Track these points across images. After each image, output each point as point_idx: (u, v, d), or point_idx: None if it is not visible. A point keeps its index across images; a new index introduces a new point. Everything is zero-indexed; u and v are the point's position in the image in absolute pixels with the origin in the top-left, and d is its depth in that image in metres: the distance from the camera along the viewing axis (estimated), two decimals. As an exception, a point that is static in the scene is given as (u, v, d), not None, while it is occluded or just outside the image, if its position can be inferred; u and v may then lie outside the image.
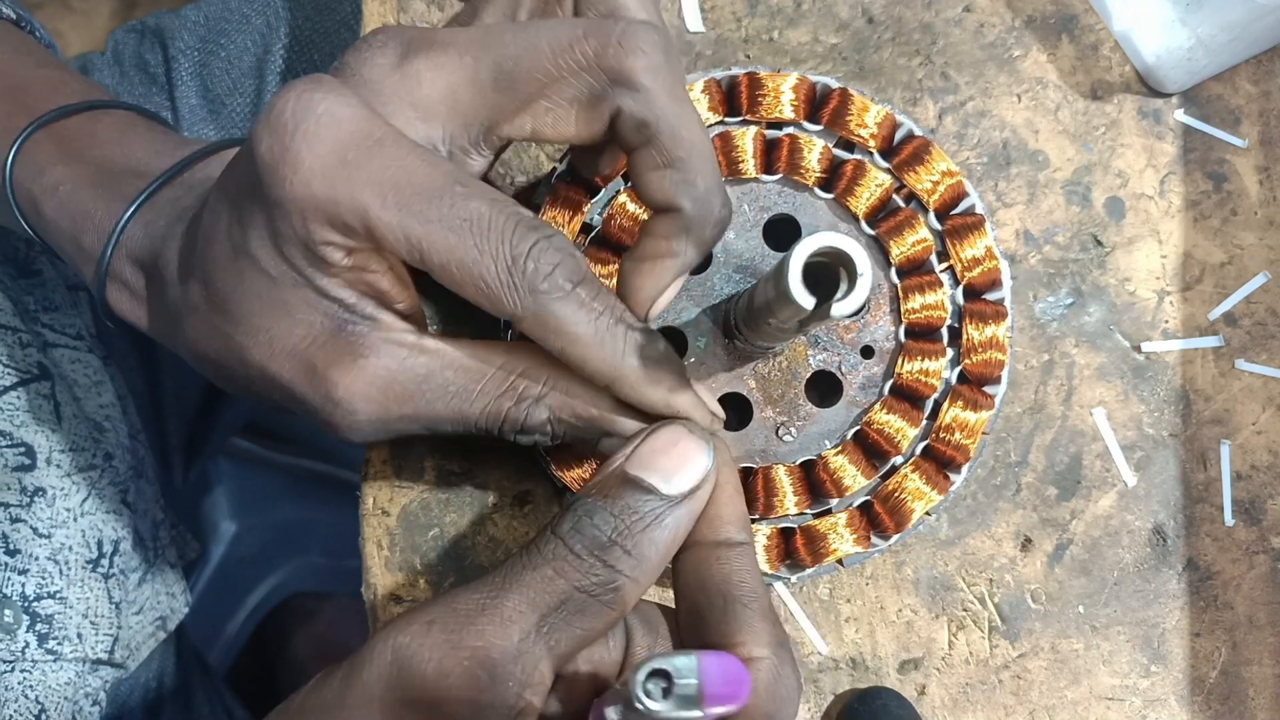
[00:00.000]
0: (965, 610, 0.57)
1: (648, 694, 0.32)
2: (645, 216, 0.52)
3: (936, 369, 0.52)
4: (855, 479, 0.51)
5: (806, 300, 0.38)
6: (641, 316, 0.44)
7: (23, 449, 0.65)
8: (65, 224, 0.50)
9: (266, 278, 0.41)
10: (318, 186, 0.37)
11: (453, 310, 0.58)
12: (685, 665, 0.32)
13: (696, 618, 0.40)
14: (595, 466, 0.51)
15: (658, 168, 0.41)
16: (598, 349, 0.41)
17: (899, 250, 0.53)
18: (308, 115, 0.37)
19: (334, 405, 0.42)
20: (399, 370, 0.42)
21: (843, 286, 0.39)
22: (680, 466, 0.39)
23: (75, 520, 0.67)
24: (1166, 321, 0.59)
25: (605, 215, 0.52)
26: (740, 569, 0.40)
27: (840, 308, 0.38)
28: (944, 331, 0.53)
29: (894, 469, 0.52)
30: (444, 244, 0.38)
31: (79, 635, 0.66)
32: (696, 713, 0.32)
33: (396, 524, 0.56)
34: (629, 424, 0.43)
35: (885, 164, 0.53)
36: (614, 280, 0.50)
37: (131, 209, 0.48)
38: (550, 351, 0.41)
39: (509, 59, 0.40)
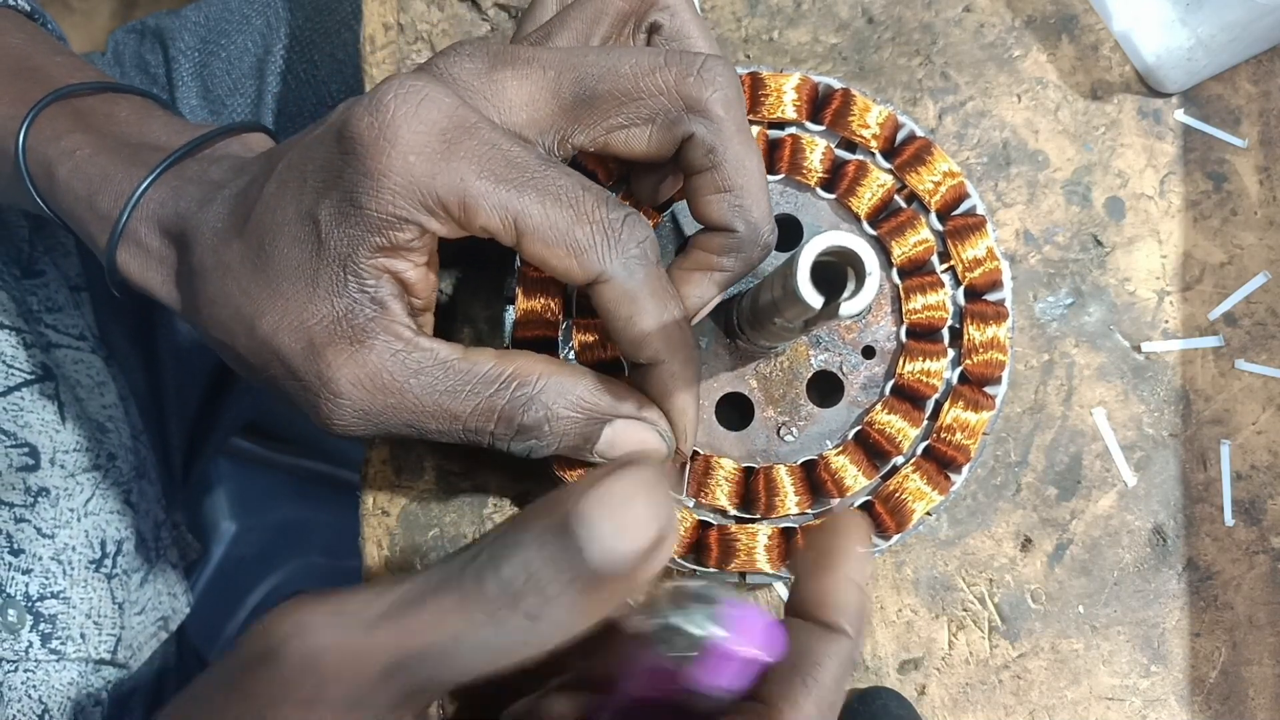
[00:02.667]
0: (965, 610, 0.57)
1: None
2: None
3: (938, 369, 0.52)
4: (856, 479, 0.51)
5: (815, 299, 0.38)
6: None
7: (26, 449, 0.65)
8: (80, 187, 0.50)
9: (314, 244, 0.42)
10: (416, 162, 0.40)
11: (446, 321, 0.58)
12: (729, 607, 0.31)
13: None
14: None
15: (718, 191, 0.45)
16: (659, 326, 0.43)
17: (900, 251, 0.53)
18: (410, 98, 0.40)
19: (322, 385, 0.43)
20: (390, 361, 0.43)
21: (850, 286, 0.39)
22: (625, 530, 0.32)
23: (79, 520, 0.68)
24: (1166, 321, 0.59)
25: None
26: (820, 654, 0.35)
27: (848, 307, 0.38)
28: (945, 332, 0.53)
29: (895, 469, 0.52)
30: (539, 210, 0.41)
31: (82, 635, 0.66)
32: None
33: (396, 524, 0.56)
34: (629, 408, 0.45)
35: (887, 164, 0.54)
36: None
37: (156, 171, 0.49)
38: (613, 319, 0.43)
39: (591, 76, 0.43)
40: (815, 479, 0.52)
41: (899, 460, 0.52)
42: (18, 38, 0.59)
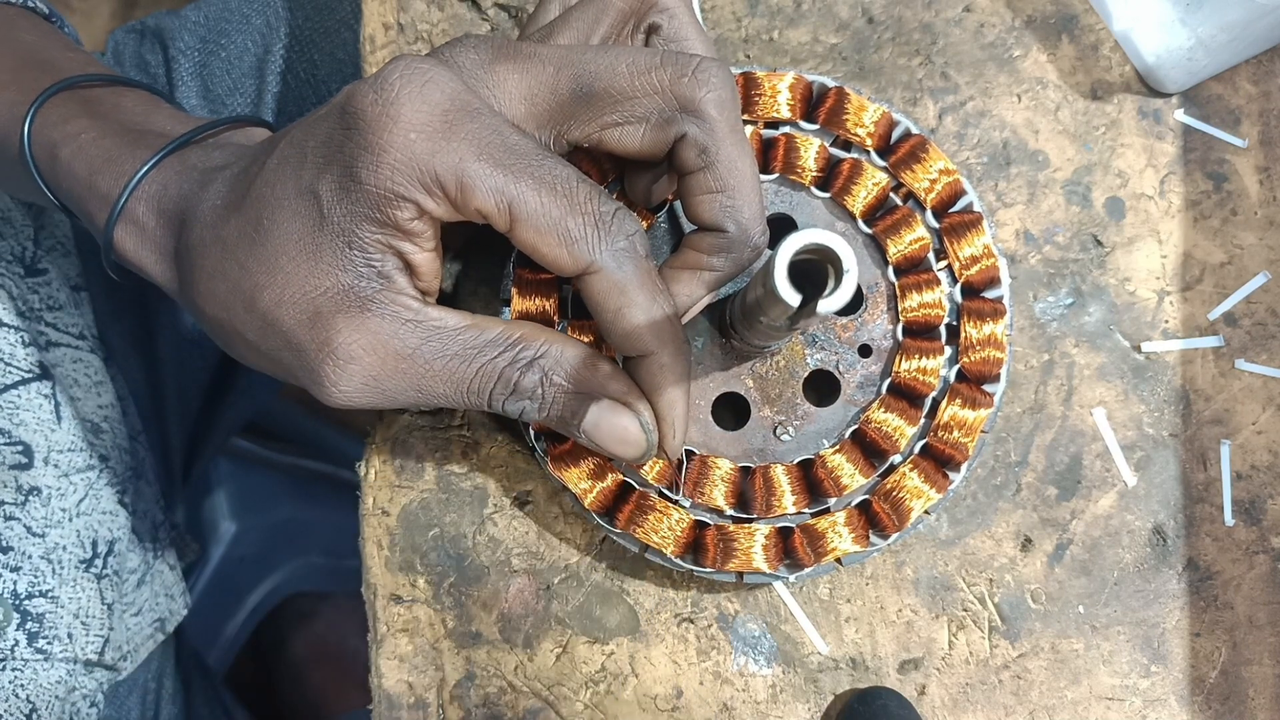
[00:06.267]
0: (965, 610, 0.56)
1: None
2: None
3: (934, 367, 0.52)
4: (853, 478, 0.51)
5: (793, 298, 0.38)
6: None
7: (20, 447, 0.65)
8: (81, 168, 0.51)
9: (316, 219, 0.43)
10: (417, 140, 0.41)
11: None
12: None
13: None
14: (593, 466, 0.51)
15: (710, 192, 0.46)
16: (647, 319, 0.44)
17: (896, 249, 0.53)
18: (414, 78, 0.41)
19: (330, 353, 0.44)
20: (400, 329, 0.44)
21: (830, 283, 0.39)
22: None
23: (70, 520, 0.67)
24: (1166, 321, 0.59)
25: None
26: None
27: (826, 305, 0.38)
28: (942, 329, 0.52)
29: (892, 468, 0.52)
30: (534, 197, 0.42)
31: (69, 635, 0.66)
32: None
33: (396, 524, 0.56)
34: (619, 387, 0.46)
35: (882, 162, 0.53)
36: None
37: (161, 154, 0.50)
38: (602, 311, 0.44)
39: (588, 74, 0.44)
40: (812, 478, 0.52)
41: (896, 459, 0.52)
42: (32, 34, 0.60)
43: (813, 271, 0.39)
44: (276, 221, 0.44)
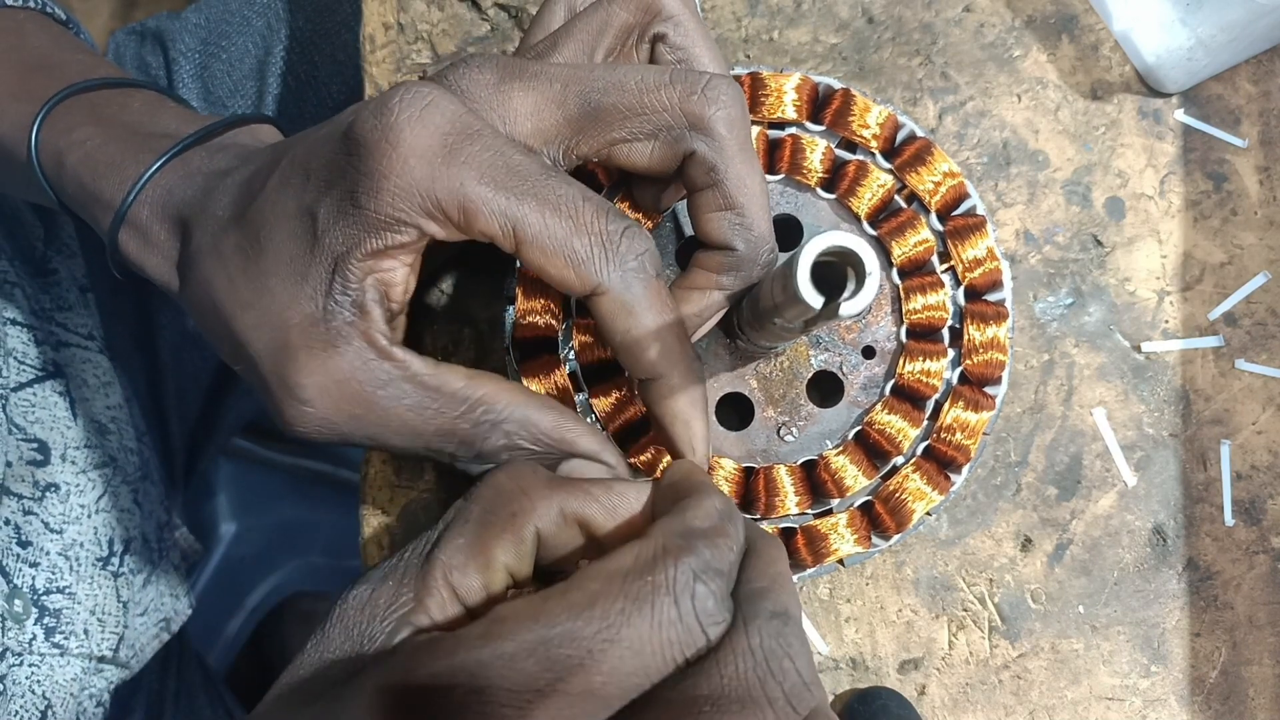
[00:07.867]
0: (965, 610, 0.57)
1: None
2: None
3: (938, 369, 0.52)
4: (856, 479, 0.51)
5: (815, 300, 0.38)
6: None
7: (36, 445, 0.65)
8: (86, 174, 0.51)
9: (309, 239, 0.43)
10: (416, 165, 0.40)
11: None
12: None
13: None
14: None
15: (719, 209, 0.45)
16: (656, 341, 0.43)
17: (900, 251, 0.53)
18: (414, 104, 0.40)
19: (288, 390, 0.43)
20: (361, 369, 0.43)
21: (850, 286, 0.39)
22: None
23: (89, 517, 0.68)
24: (1166, 321, 0.59)
25: None
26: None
27: (848, 307, 0.38)
28: (945, 332, 0.53)
29: (895, 469, 0.52)
30: (539, 218, 0.41)
31: (85, 631, 0.66)
32: None
33: (396, 524, 0.56)
34: (590, 444, 0.45)
35: (887, 165, 0.54)
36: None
37: (164, 158, 0.50)
38: (611, 332, 0.43)
39: (596, 90, 0.44)
40: (815, 479, 0.52)
41: (899, 460, 0.52)
42: (41, 38, 0.60)
43: (829, 273, 0.39)
44: (273, 239, 0.43)
